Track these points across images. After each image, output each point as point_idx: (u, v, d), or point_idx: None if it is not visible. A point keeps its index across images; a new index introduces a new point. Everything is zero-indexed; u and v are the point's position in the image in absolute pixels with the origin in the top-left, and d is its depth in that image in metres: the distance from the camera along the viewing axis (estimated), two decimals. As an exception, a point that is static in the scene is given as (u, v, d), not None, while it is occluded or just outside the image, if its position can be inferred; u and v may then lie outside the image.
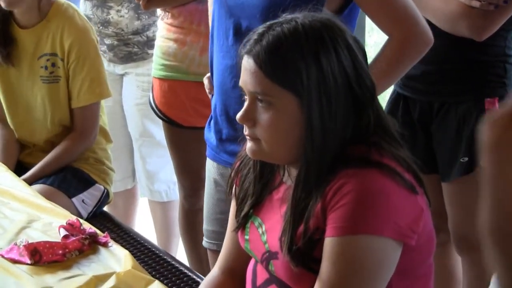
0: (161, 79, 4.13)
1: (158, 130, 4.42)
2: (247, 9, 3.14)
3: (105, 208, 4.19)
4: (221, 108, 3.28)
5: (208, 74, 3.43)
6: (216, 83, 3.32)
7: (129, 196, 4.91)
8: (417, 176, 2.39)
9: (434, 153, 3.57)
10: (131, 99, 4.60)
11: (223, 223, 3.30)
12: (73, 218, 3.01)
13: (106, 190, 4.11)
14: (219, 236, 3.39)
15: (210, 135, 3.40)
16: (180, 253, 4.49)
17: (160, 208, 4.80)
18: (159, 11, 4.18)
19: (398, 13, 3.07)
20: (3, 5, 3.86)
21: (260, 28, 2.44)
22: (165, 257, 3.60)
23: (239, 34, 3.15)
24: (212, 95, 3.38)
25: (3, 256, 2.75)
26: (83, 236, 2.84)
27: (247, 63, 2.41)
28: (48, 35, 3.97)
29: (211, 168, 3.44)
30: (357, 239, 2.29)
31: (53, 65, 3.97)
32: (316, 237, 2.34)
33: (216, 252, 3.35)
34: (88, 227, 2.92)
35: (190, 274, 3.41)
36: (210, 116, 3.39)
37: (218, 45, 3.29)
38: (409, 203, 2.34)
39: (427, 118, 3.59)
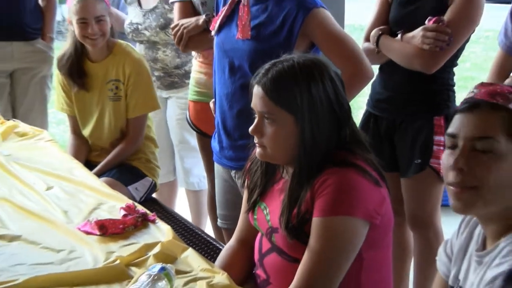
0: (195, 102, 4.14)
1: (192, 138, 4.42)
2: (238, 52, 3.21)
3: (153, 195, 4.20)
4: (221, 124, 3.37)
5: (213, 100, 3.49)
6: (217, 106, 3.40)
7: (171, 186, 4.91)
8: (381, 174, 2.44)
9: (396, 157, 3.58)
10: (173, 116, 4.61)
11: (231, 208, 3.43)
12: (130, 202, 3.02)
13: (153, 182, 4.13)
14: (229, 218, 3.49)
15: (215, 144, 3.47)
16: (208, 228, 4.50)
17: (194, 195, 4.79)
18: (193, 53, 4.19)
19: (347, 55, 3.16)
20: (89, 45, 3.95)
21: (267, 65, 2.48)
22: (196, 230, 3.62)
23: (233, 70, 3.25)
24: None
25: (79, 229, 2.76)
26: (137, 215, 2.85)
27: (257, 90, 2.45)
28: (113, 66, 4.02)
29: (219, 169, 3.50)
30: (336, 219, 2.33)
31: (117, 87, 4.02)
32: (306, 217, 2.37)
33: (228, 230, 3.47)
34: (141, 208, 2.93)
35: (214, 243, 3.41)
36: (214, 131, 3.48)
37: (218, 77, 3.36)
38: (374, 193, 2.39)
39: (391, 131, 3.60)
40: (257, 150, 2.50)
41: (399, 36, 3.45)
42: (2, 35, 4.99)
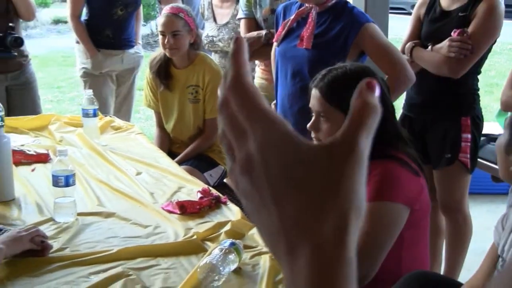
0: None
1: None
2: (298, 59, 3.25)
3: (225, 180, 4.18)
4: None
5: (274, 102, 3.52)
6: (279, 105, 3.42)
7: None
8: (420, 165, 2.43)
9: (428, 152, 3.54)
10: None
11: None
12: (205, 186, 3.00)
13: (225, 169, 4.10)
14: None
15: None
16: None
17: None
18: (257, 62, 4.21)
19: (393, 62, 3.17)
20: (168, 54, 3.94)
21: (323, 71, 2.48)
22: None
23: (293, 74, 3.28)
24: None
25: (163, 208, 2.75)
26: (212, 198, 2.83)
27: (314, 93, 2.47)
28: (194, 73, 4.00)
29: None
30: (381, 204, 2.30)
31: (196, 92, 4.01)
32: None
33: None
34: (214, 192, 2.90)
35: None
36: None
37: (280, 81, 3.40)
38: (414, 182, 2.36)
39: (423, 130, 3.57)
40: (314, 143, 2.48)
41: (429, 47, 3.45)
42: (118, 46, 5.14)
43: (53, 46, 13.03)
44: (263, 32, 3.87)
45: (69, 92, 9.63)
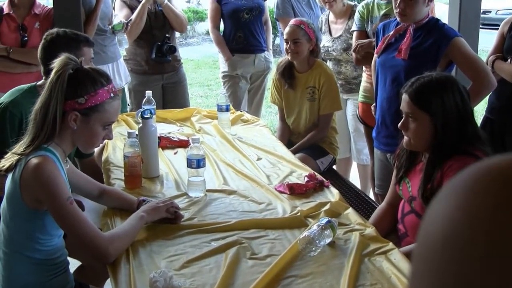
0: (363, 103, 4.10)
1: (361, 128, 4.34)
2: (396, 68, 3.20)
3: (334, 167, 4.14)
4: (381, 119, 3.34)
5: (374, 104, 3.47)
6: (378, 106, 3.37)
7: (347, 161, 4.84)
8: None
9: (506, 149, 3.37)
10: (349, 111, 4.56)
11: (384, 180, 3.36)
12: (312, 172, 2.95)
13: (334, 158, 4.06)
14: (382, 187, 3.41)
15: (375, 134, 3.45)
16: (371, 193, 4.39)
17: (362, 168, 4.71)
18: (364, 68, 4.13)
19: (477, 70, 3.07)
20: (289, 57, 3.92)
21: (413, 79, 2.43)
22: (361, 194, 3.54)
23: (392, 81, 3.22)
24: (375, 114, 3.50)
25: (275, 189, 2.73)
26: (316, 181, 2.78)
27: (405, 97, 2.42)
28: (312, 76, 3.97)
29: (377, 152, 3.47)
30: None
31: (313, 92, 3.97)
32: (437, 190, 2.24)
33: (381, 195, 3.41)
34: (319, 177, 2.85)
35: (373, 203, 3.33)
36: (375, 124, 3.47)
37: (379, 87, 3.33)
38: None
39: (502, 131, 3.46)
40: (404, 140, 2.47)
41: (509, 60, 3.35)
42: (249, 50, 5.09)
43: (206, 52, 13.31)
44: (374, 39, 3.83)
45: (216, 90, 9.82)
